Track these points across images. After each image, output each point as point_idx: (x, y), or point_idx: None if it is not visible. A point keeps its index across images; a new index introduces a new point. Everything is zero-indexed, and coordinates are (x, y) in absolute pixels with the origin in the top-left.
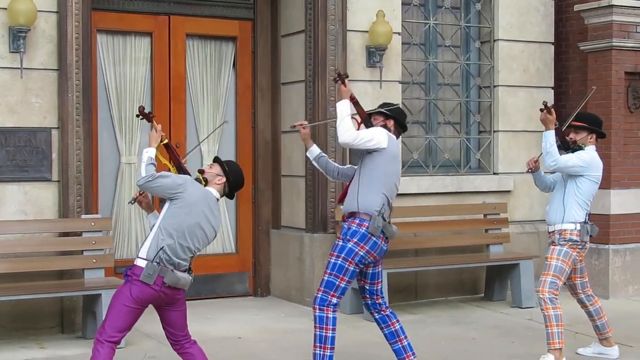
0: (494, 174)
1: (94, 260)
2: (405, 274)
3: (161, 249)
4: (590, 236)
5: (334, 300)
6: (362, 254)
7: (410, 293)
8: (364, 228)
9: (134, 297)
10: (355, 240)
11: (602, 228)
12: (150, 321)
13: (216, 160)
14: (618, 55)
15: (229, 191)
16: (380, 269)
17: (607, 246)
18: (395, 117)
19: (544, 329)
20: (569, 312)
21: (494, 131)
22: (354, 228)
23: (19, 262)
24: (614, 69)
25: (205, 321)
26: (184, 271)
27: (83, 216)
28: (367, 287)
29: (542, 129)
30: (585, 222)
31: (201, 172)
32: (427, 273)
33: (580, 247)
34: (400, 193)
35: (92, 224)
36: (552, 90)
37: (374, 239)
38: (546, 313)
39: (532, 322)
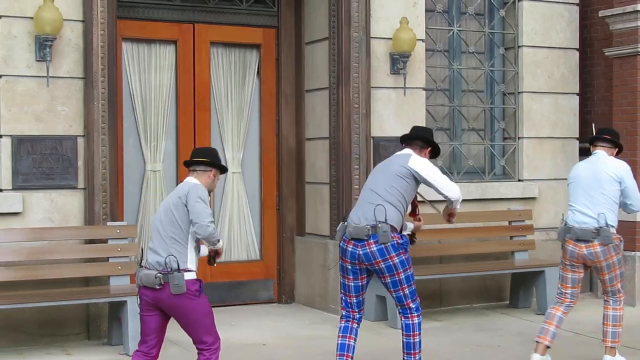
0: (519, 180)
1: (120, 267)
2: (430, 280)
3: None
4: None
5: (341, 311)
6: (340, 263)
7: (434, 300)
8: None
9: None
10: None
11: (628, 235)
12: (175, 327)
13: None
14: None
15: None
16: (388, 280)
17: (633, 253)
18: (433, 146)
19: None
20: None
21: (519, 138)
22: None
23: (45, 269)
24: (639, 74)
25: (229, 328)
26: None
27: (109, 223)
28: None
29: (567, 136)
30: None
31: None
32: (451, 280)
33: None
34: (431, 200)
35: (118, 231)
36: (577, 97)
37: (340, 244)
38: None
39: (558, 330)
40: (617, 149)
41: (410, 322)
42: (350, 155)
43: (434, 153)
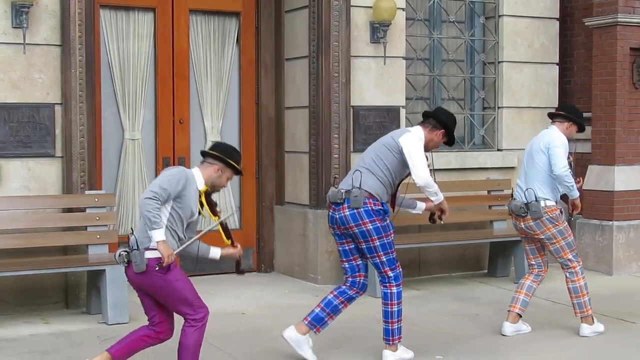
0: (498, 150)
1: (98, 236)
2: (409, 249)
3: None
4: (514, 213)
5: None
6: (331, 232)
7: (413, 269)
8: None
9: None
10: None
11: (605, 204)
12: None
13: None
14: (623, 31)
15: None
16: (364, 246)
17: (610, 222)
18: (447, 127)
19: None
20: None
21: (499, 107)
22: None
23: (22, 238)
24: (619, 44)
25: (208, 297)
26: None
27: (87, 192)
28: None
29: (547, 106)
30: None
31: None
32: (430, 249)
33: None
34: None
35: (96, 199)
36: (557, 67)
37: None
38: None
39: (535, 298)
40: (574, 125)
41: (389, 290)
42: (330, 125)
43: (448, 139)
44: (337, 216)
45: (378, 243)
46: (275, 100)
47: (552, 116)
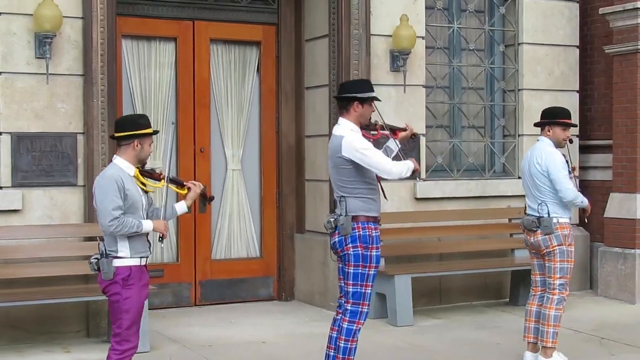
0: (519, 177)
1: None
2: (429, 278)
3: None
4: (526, 229)
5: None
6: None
7: (434, 297)
8: None
9: None
10: None
11: (628, 232)
12: (173, 325)
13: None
14: None
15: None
16: (342, 266)
17: (633, 250)
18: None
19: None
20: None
21: (519, 135)
22: None
23: (44, 266)
24: (639, 72)
25: (229, 325)
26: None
27: None
28: None
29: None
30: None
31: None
32: (451, 277)
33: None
34: (424, 197)
35: None
36: (577, 94)
37: None
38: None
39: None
40: (554, 127)
41: (341, 323)
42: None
43: (364, 101)
44: (334, 240)
45: (352, 270)
46: (296, 129)
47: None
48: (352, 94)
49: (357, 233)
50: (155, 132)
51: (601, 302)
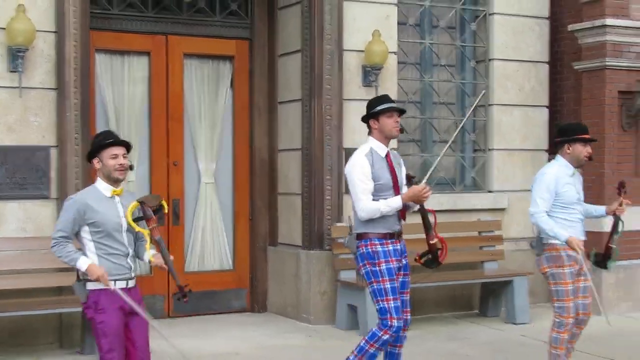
0: (489, 192)
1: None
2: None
3: None
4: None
5: None
6: None
7: None
8: None
9: None
10: None
11: (595, 245)
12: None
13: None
14: (612, 75)
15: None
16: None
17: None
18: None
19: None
20: None
21: (489, 149)
22: None
23: (18, 278)
24: (607, 88)
25: (202, 337)
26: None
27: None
28: None
29: (537, 148)
30: None
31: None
32: (423, 289)
33: None
34: None
35: None
36: (547, 109)
37: None
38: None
39: (526, 339)
40: (574, 143)
41: (377, 332)
42: (323, 167)
43: (376, 116)
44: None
45: (369, 289)
46: (269, 143)
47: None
48: (366, 115)
49: (361, 251)
50: (117, 143)
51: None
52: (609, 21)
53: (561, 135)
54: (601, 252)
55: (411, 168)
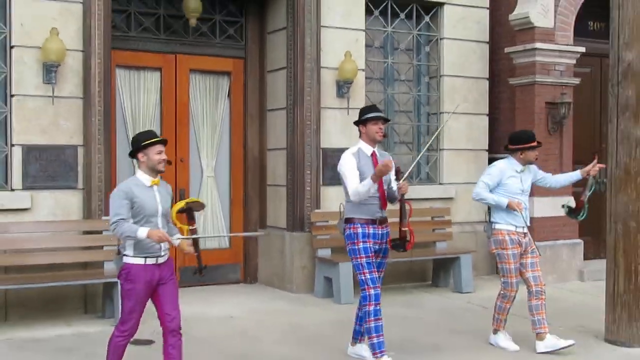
0: (440, 184)
1: (112, 254)
2: None
3: None
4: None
5: None
6: None
7: None
8: None
9: None
10: None
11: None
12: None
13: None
14: (540, 89)
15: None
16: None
17: (536, 243)
18: (360, 120)
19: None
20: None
21: (440, 149)
22: None
23: (49, 255)
24: (536, 99)
25: (204, 304)
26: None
27: (103, 218)
28: None
29: (479, 148)
30: None
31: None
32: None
33: None
34: None
35: None
36: (487, 117)
37: None
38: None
39: (470, 305)
40: (525, 152)
41: (364, 309)
42: (304, 163)
43: (366, 123)
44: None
45: (353, 263)
46: (259, 144)
47: None
48: (357, 120)
49: (347, 232)
50: (160, 142)
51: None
52: (538, 45)
53: (514, 143)
54: (574, 206)
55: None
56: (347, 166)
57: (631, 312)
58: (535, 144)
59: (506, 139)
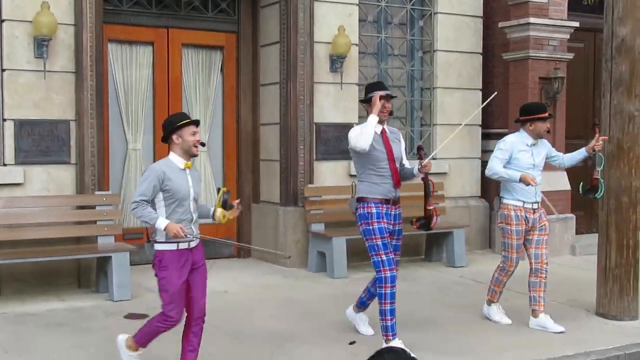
0: (433, 159)
1: (105, 229)
2: (361, 239)
3: None
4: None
5: None
6: None
7: (365, 255)
8: None
9: None
10: None
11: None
12: (151, 278)
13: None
14: (533, 64)
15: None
16: None
17: None
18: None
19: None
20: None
21: (434, 124)
22: None
23: (43, 230)
24: (530, 74)
25: None
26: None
27: (96, 192)
28: None
29: (472, 123)
30: None
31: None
32: None
33: None
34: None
35: (104, 199)
36: (480, 92)
37: None
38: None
39: (463, 279)
40: (535, 123)
41: (379, 290)
42: (297, 138)
43: (369, 97)
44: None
45: (366, 244)
46: (252, 118)
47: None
48: (363, 98)
49: (359, 212)
50: (193, 122)
51: (498, 258)
52: (532, 20)
53: (524, 114)
54: (588, 185)
55: None
56: (354, 131)
57: (622, 286)
58: (545, 115)
59: (499, 113)
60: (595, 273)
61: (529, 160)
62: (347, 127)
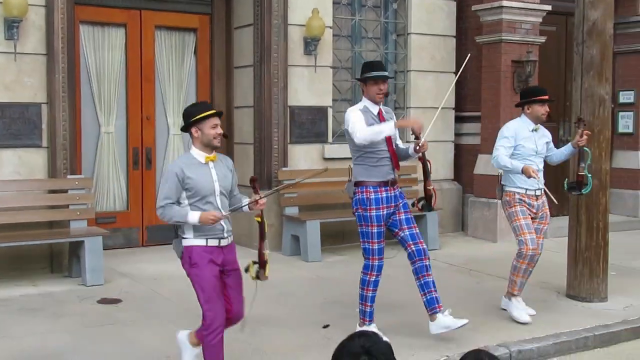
0: (407, 142)
1: (78, 213)
2: (335, 223)
3: None
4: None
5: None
6: None
7: (338, 238)
8: None
9: None
10: None
11: (491, 186)
12: (124, 262)
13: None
14: (506, 47)
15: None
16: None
17: (495, 200)
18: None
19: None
20: (465, 253)
21: (407, 107)
22: None
23: (14, 214)
24: (503, 58)
25: (170, 262)
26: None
27: (68, 176)
28: None
29: (445, 106)
30: None
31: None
32: (351, 222)
33: None
34: (331, 157)
35: (76, 182)
36: (454, 75)
37: None
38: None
39: (436, 262)
40: (532, 105)
41: (364, 277)
42: (271, 121)
43: (366, 80)
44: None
45: (359, 230)
46: (226, 101)
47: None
48: (358, 78)
49: (357, 197)
50: (216, 114)
51: (470, 241)
52: (505, 3)
53: (521, 97)
54: (574, 181)
55: (344, 122)
56: (355, 116)
57: (592, 268)
58: (544, 97)
59: (472, 97)
60: (565, 255)
61: (532, 147)
62: (322, 109)
